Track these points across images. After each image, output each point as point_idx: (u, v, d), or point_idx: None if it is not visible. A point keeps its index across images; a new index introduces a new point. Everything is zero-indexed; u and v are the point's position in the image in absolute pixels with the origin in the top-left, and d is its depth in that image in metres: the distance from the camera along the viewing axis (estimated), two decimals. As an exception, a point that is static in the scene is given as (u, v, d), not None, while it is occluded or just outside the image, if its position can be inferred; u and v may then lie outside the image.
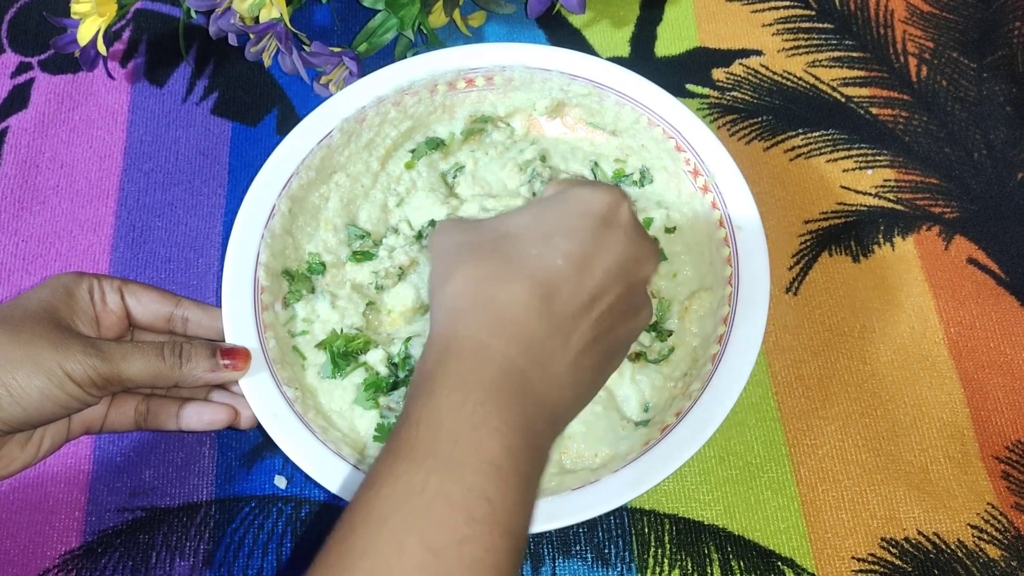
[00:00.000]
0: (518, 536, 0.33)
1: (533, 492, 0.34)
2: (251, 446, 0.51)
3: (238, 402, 0.47)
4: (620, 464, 0.44)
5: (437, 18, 0.62)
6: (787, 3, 0.66)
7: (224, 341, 0.46)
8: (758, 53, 0.64)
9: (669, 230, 0.53)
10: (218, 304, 0.48)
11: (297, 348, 0.49)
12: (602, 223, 0.38)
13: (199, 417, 0.47)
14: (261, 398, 0.45)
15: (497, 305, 0.36)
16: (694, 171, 0.52)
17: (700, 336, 0.50)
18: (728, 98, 0.62)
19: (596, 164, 0.56)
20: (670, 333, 0.50)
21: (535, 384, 0.35)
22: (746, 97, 0.62)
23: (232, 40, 0.58)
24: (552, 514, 0.43)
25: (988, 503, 0.50)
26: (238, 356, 0.45)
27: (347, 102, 0.53)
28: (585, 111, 0.56)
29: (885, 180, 0.59)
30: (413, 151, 0.56)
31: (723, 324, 0.47)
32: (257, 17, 0.56)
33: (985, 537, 0.49)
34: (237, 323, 0.47)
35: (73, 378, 0.40)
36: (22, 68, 0.63)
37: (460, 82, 0.55)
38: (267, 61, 0.59)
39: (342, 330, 0.49)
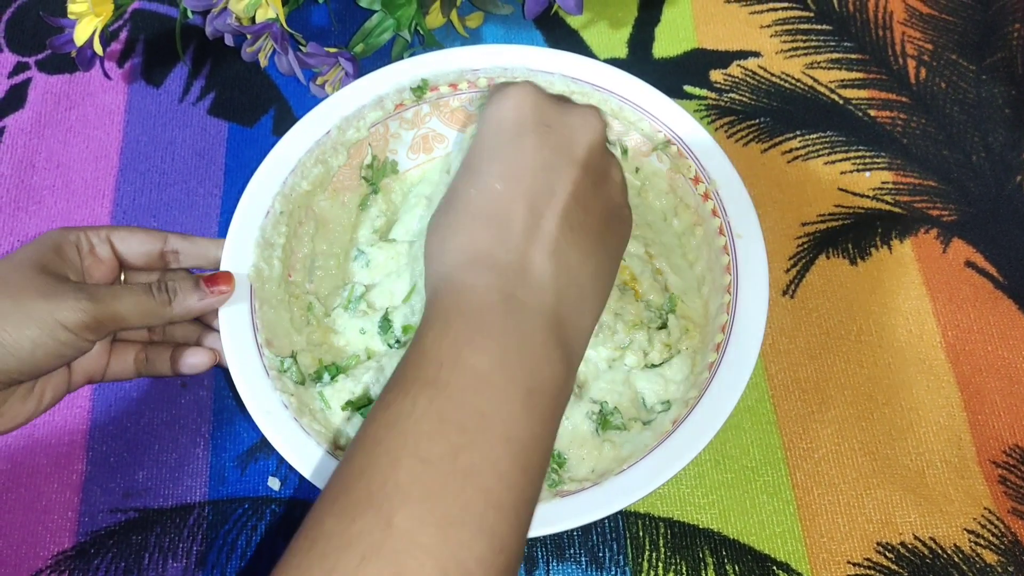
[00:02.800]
0: (524, 444, 0.33)
1: (542, 401, 0.34)
2: (245, 447, 0.51)
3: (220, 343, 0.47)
4: (616, 470, 0.44)
5: (434, 19, 0.62)
6: (785, 4, 0.65)
7: (214, 270, 0.47)
8: (756, 55, 0.63)
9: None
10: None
11: (323, 395, 0.48)
12: (516, 129, 0.38)
13: (184, 360, 0.47)
14: (232, 332, 0.45)
15: (462, 249, 0.37)
16: (695, 178, 0.52)
17: (699, 342, 0.50)
18: (726, 100, 0.62)
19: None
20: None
21: (525, 299, 0.35)
22: (744, 99, 0.62)
23: (228, 40, 0.58)
24: (546, 519, 0.42)
25: (985, 508, 0.49)
26: (221, 280, 0.45)
27: (345, 101, 0.52)
28: None
29: (883, 182, 0.59)
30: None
31: (720, 332, 0.47)
32: (253, 17, 0.56)
33: (982, 542, 0.48)
34: (235, 258, 0.47)
35: (65, 325, 0.40)
36: (19, 68, 0.63)
37: (463, 83, 0.54)
38: (263, 62, 0.59)
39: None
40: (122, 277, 0.48)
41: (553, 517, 0.42)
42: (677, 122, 0.52)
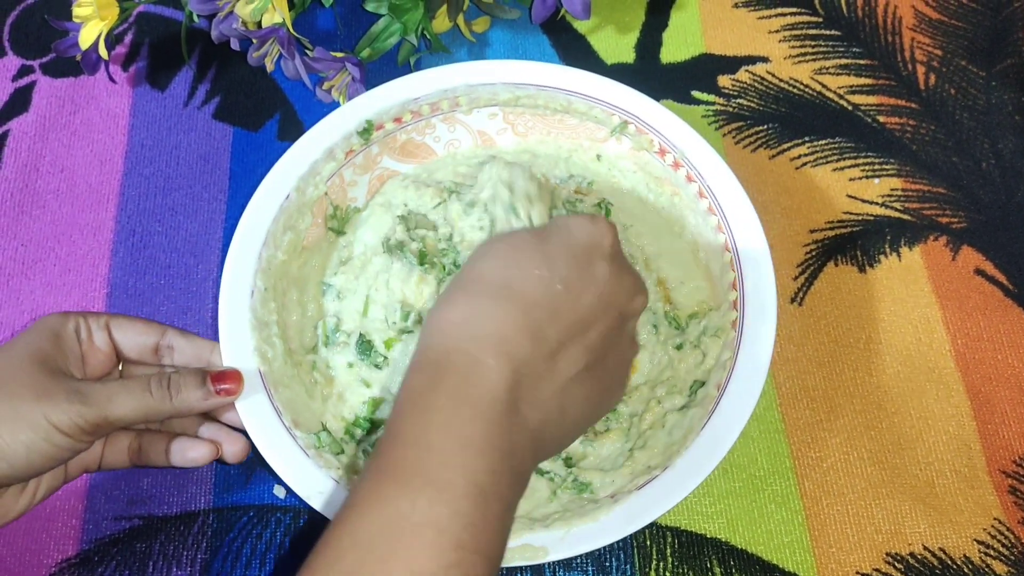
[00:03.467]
0: (495, 562, 0.33)
1: (511, 518, 0.35)
2: (250, 455, 0.51)
3: (223, 436, 0.46)
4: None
5: (441, 23, 0.61)
6: (794, 9, 0.65)
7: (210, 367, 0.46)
8: (764, 60, 0.63)
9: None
10: (213, 322, 0.47)
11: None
12: (594, 253, 0.39)
13: (183, 455, 0.46)
14: (258, 423, 0.45)
15: (491, 322, 0.36)
16: (660, 150, 0.52)
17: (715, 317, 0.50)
18: (734, 105, 0.61)
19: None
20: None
21: (522, 405, 0.35)
22: (752, 104, 0.61)
23: (234, 45, 0.58)
24: (631, 514, 0.43)
25: (995, 518, 0.49)
26: (230, 379, 0.44)
27: (298, 160, 0.51)
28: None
29: (892, 189, 0.58)
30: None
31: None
32: (259, 22, 0.56)
33: (992, 553, 0.48)
34: (234, 347, 0.46)
35: (60, 429, 0.40)
36: (24, 71, 0.63)
37: (406, 115, 0.53)
38: (269, 66, 0.59)
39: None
40: (119, 367, 0.47)
41: (641, 509, 0.43)
42: (629, 101, 0.52)
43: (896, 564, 0.48)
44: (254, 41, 0.56)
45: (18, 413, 0.39)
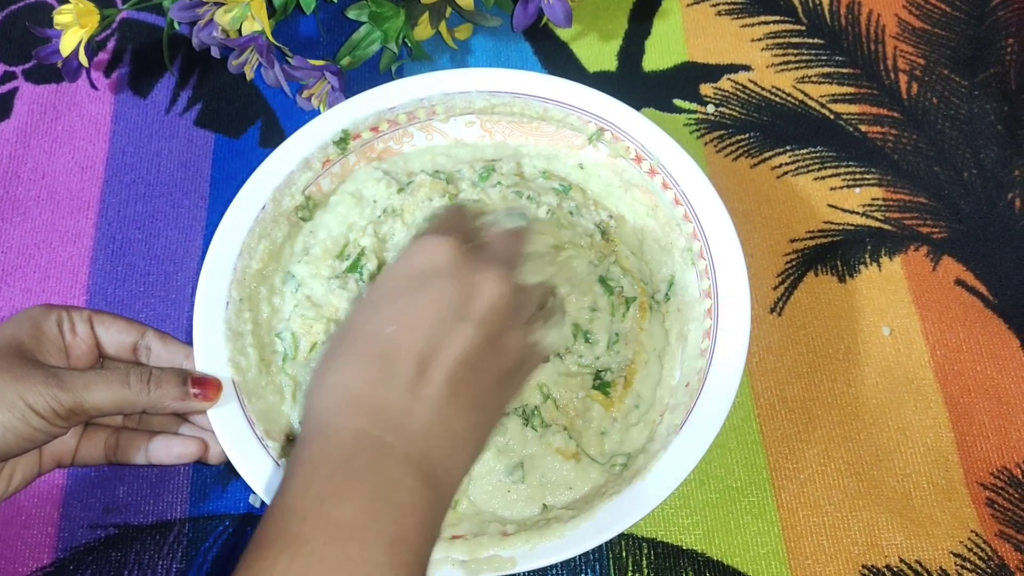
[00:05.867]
0: None
1: (404, 548, 0.34)
2: (226, 464, 0.51)
3: (208, 436, 0.46)
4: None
5: (423, 31, 0.61)
6: (777, 18, 0.65)
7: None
8: (747, 68, 0.63)
9: None
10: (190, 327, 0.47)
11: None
12: (423, 274, 0.39)
13: (168, 450, 0.46)
14: (230, 433, 0.45)
15: (340, 387, 0.37)
16: (637, 157, 0.52)
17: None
18: (716, 114, 0.61)
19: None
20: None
21: (396, 445, 0.35)
22: (734, 113, 0.61)
23: (215, 52, 0.58)
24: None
25: (972, 531, 0.49)
26: (209, 386, 0.44)
27: (274, 170, 0.51)
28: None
29: (873, 199, 0.58)
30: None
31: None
32: (239, 30, 0.56)
33: (968, 566, 0.48)
34: (208, 359, 0.46)
35: (36, 410, 0.40)
36: (6, 77, 0.63)
37: (382, 124, 0.53)
38: (249, 74, 0.59)
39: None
40: (100, 363, 0.47)
41: (608, 521, 0.43)
42: (604, 108, 0.52)
43: (872, 576, 0.48)
44: (234, 49, 0.56)
45: None
